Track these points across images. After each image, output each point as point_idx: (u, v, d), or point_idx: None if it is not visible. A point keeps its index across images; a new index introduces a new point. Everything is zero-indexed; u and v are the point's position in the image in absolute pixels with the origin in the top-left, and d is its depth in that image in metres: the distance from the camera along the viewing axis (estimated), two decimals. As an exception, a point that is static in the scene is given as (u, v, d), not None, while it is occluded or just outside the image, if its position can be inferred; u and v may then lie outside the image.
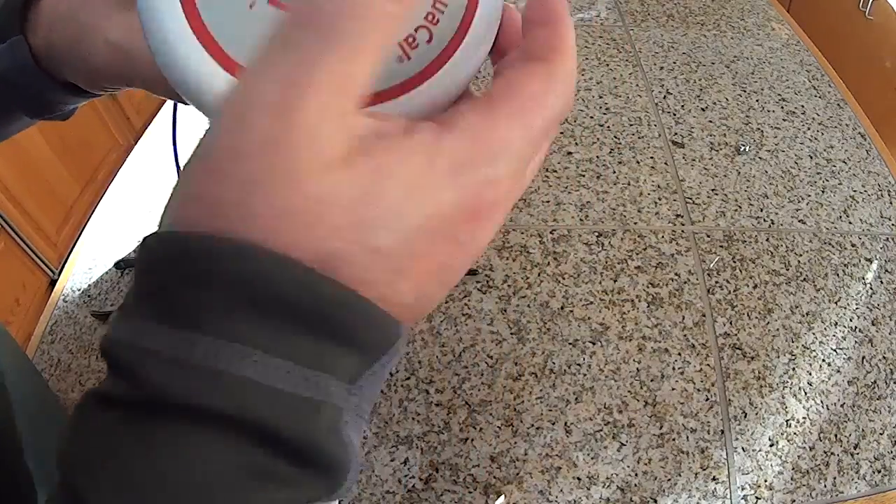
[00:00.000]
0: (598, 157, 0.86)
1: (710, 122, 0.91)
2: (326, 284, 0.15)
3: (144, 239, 0.15)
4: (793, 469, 0.58)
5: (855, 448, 0.60)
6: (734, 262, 0.74)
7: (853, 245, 0.76)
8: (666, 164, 0.85)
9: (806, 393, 0.63)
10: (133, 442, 0.14)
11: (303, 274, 0.14)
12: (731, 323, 0.68)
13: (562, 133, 0.89)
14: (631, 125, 0.90)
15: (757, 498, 0.57)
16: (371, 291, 0.15)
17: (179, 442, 0.14)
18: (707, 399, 0.62)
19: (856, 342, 0.67)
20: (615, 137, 0.88)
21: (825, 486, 0.58)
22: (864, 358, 0.66)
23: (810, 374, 0.65)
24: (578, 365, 0.65)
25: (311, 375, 0.15)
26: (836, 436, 0.61)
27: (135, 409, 0.14)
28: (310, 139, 0.14)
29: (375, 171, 0.15)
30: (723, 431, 0.60)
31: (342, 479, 0.15)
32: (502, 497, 0.57)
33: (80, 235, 0.82)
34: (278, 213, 0.14)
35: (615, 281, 0.72)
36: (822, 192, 0.82)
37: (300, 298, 0.14)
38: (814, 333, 0.68)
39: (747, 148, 0.87)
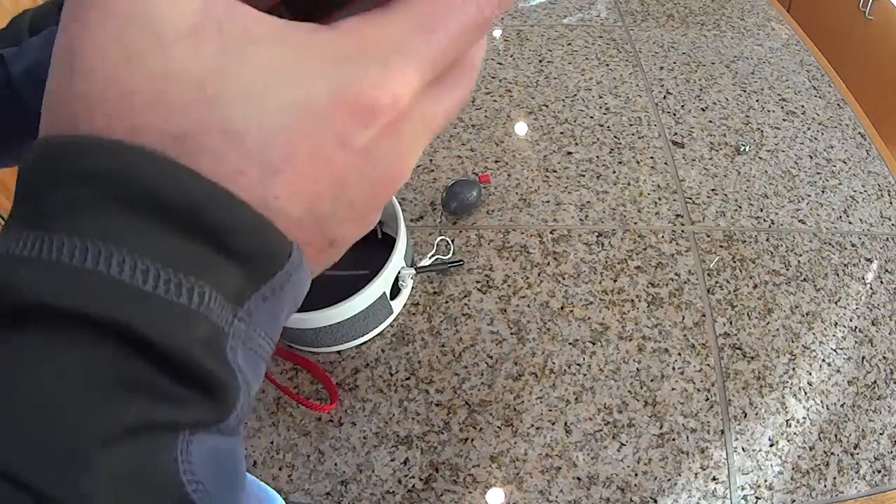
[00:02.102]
0: (598, 157, 0.86)
1: (710, 122, 0.91)
2: (190, 175, 0.13)
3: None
4: (793, 469, 0.58)
5: (855, 448, 0.60)
6: (734, 262, 0.74)
7: (853, 245, 0.76)
8: (666, 164, 0.85)
9: (806, 393, 0.63)
10: None
11: (161, 163, 0.13)
12: (731, 323, 0.68)
13: (562, 133, 0.89)
14: (631, 125, 0.90)
15: (757, 498, 0.57)
16: (241, 187, 0.14)
17: (43, 348, 0.13)
18: (707, 399, 0.62)
19: (856, 342, 0.67)
20: (615, 137, 0.88)
21: (825, 486, 0.58)
22: (864, 358, 0.66)
23: (810, 374, 0.65)
24: (578, 365, 0.65)
25: (184, 281, 0.13)
26: (836, 436, 0.61)
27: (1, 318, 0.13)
28: (147, 21, 0.13)
29: (226, 49, 0.14)
30: (723, 431, 0.60)
31: (230, 404, 0.14)
32: None
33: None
34: (119, 95, 0.13)
35: (615, 281, 0.72)
36: (822, 192, 0.82)
37: (164, 191, 0.13)
38: (814, 333, 0.68)
39: (747, 148, 0.87)
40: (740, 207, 0.80)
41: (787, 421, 0.61)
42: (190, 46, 0.13)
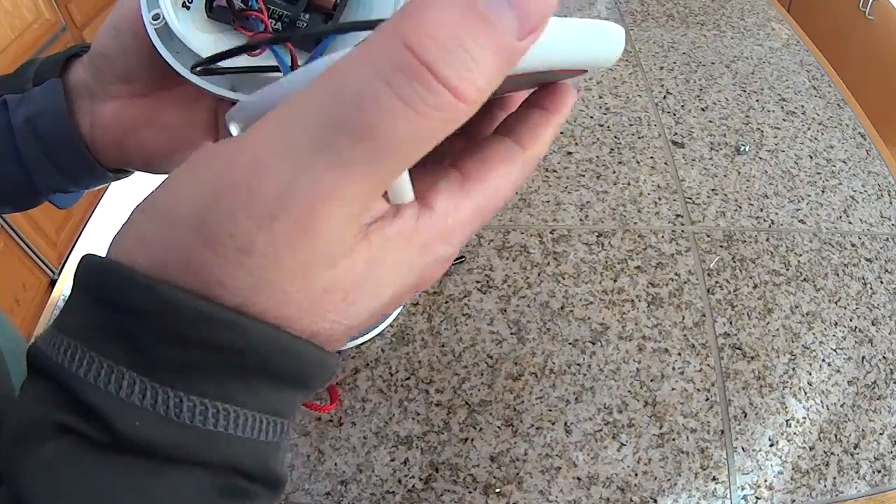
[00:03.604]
0: (598, 157, 0.86)
1: (710, 122, 0.91)
2: (307, 349, 0.16)
3: (104, 268, 0.15)
4: (793, 469, 0.58)
5: (855, 448, 0.60)
6: (734, 262, 0.74)
7: (853, 245, 0.76)
8: (666, 164, 0.85)
9: (806, 393, 0.63)
10: (122, 484, 0.15)
11: (286, 341, 0.16)
12: (731, 323, 0.68)
13: (562, 133, 0.89)
14: (631, 125, 0.90)
15: (757, 498, 0.57)
16: (333, 346, 0.17)
17: (166, 477, 0.15)
18: (707, 399, 0.62)
19: (856, 342, 0.67)
20: (615, 137, 0.88)
21: (825, 486, 0.58)
22: (864, 358, 0.66)
23: (810, 374, 0.65)
24: (578, 365, 0.65)
25: (279, 422, 0.17)
26: (836, 436, 0.61)
27: (118, 454, 0.15)
28: (325, 246, 0.15)
29: (369, 260, 0.16)
30: (723, 431, 0.60)
31: (284, 488, 0.18)
32: None
33: (80, 235, 0.82)
34: (279, 303, 0.15)
35: (615, 281, 0.72)
36: (822, 192, 0.82)
37: (284, 364, 0.16)
38: (814, 333, 0.68)
39: (747, 148, 0.87)
40: (740, 207, 0.80)
41: (787, 421, 0.61)
42: (348, 265, 0.16)
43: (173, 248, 0.15)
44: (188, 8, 0.30)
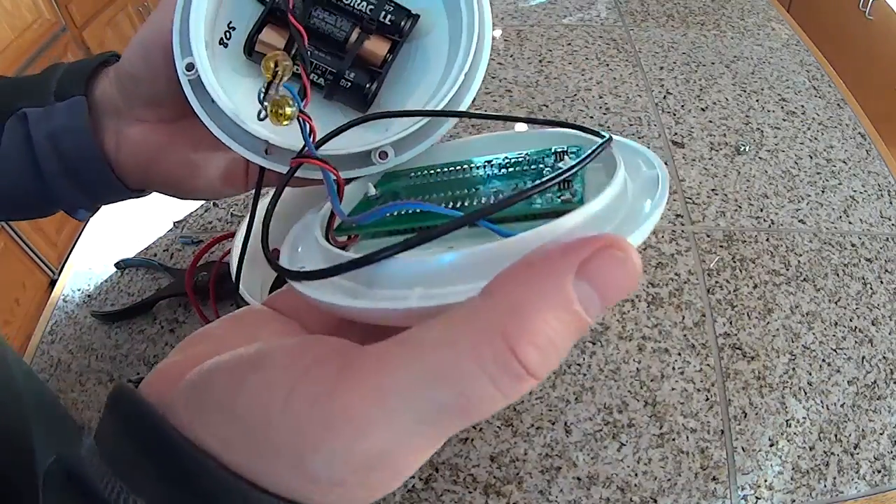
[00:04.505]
0: (598, 157, 0.86)
1: (710, 122, 0.91)
2: None
3: (188, 458, 0.17)
4: (793, 469, 0.58)
5: (855, 448, 0.60)
6: (734, 262, 0.74)
7: (853, 245, 0.76)
8: (666, 164, 0.85)
9: (806, 393, 0.63)
10: None
11: None
12: (731, 323, 0.68)
13: (562, 133, 0.89)
14: (631, 125, 0.90)
15: (757, 498, 0.57)
16: None
17: None
18: (707, 399, 0.62)
19: (856, 342, 0.67)
20: (615, 137, 0.88)
21: (825, 486, 0.58)
22: (864, 358, 0.66)
23: (810, 374, 0.65)
24: (578, 365, 0.65)
25: None
26: (836, 436, 0.61)
27: None
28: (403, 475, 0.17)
29: (416, 461, 0.18)
30: (723, 431, 0.60)
31: None
32: None
33: (80, 235, 0.82)
34: None
35: (615, 281, 0.72)
36: (822, 192, 0.82)
37: None
38: (814, 333, 0.68)
39: (747, 148, 0.87)
40: (740, 207, 0.80)
41: (787, 421, 0.61)
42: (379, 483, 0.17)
43: (261, 462, 0.17)
44: (226, 46, 0.29)
